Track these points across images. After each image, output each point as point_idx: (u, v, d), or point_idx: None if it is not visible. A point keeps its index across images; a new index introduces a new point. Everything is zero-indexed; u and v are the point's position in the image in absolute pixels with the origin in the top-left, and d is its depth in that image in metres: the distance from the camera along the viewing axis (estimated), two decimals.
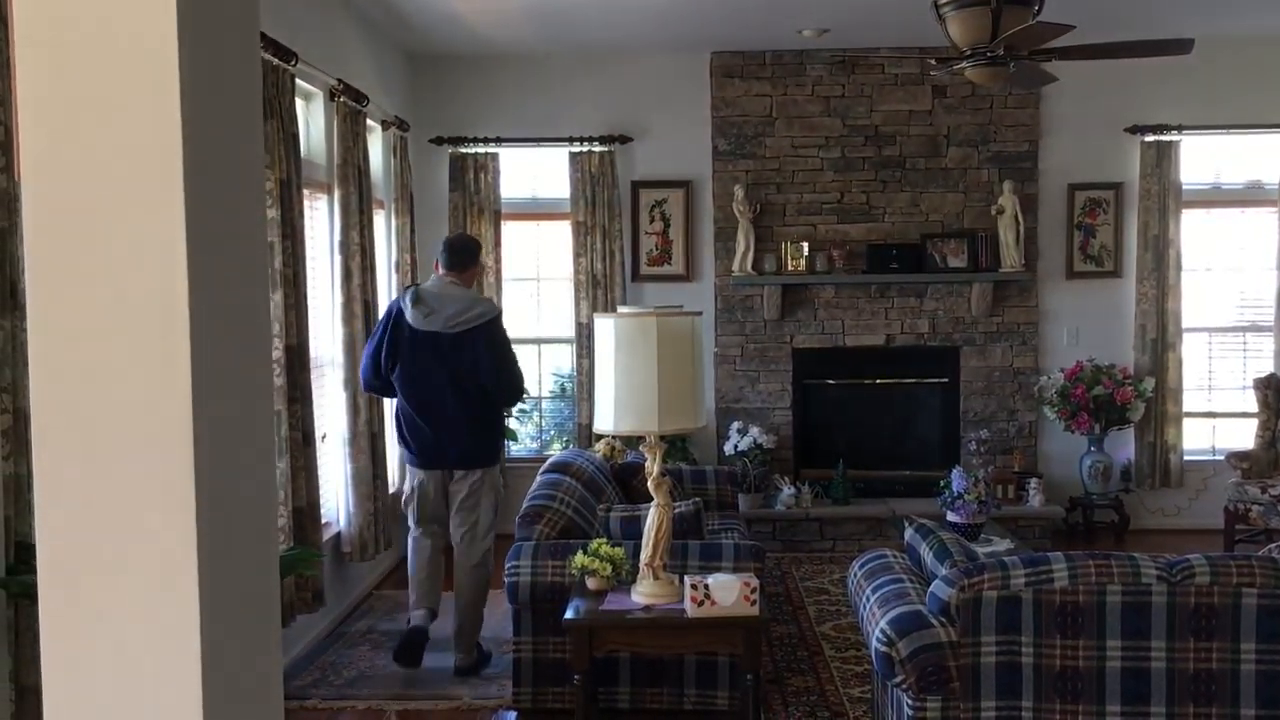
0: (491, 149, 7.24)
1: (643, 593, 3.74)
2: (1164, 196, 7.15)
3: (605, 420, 3.76)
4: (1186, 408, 7.34)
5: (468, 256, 4.85)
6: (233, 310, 1.47)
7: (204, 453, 1.37)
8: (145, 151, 1.34)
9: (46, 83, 1.34)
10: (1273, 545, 3.40)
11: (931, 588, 3.20)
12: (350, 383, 5.57)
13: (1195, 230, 7.34)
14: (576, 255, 7.26)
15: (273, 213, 4.48)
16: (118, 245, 1.35)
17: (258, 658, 1.54)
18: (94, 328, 1.36)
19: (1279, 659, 3.03)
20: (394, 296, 6.33)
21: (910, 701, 3.13)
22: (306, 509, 4.73)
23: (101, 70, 1.33)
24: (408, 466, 4.93)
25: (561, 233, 7.40)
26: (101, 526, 1.37)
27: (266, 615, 1.57)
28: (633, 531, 4.22)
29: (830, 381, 7.42)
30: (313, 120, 5.56)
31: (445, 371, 4.64)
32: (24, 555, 2.76)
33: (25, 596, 2.67)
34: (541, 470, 4.96)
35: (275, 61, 4.52)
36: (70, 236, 1.35)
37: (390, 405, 5.39)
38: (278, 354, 4.52)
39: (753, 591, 3.60)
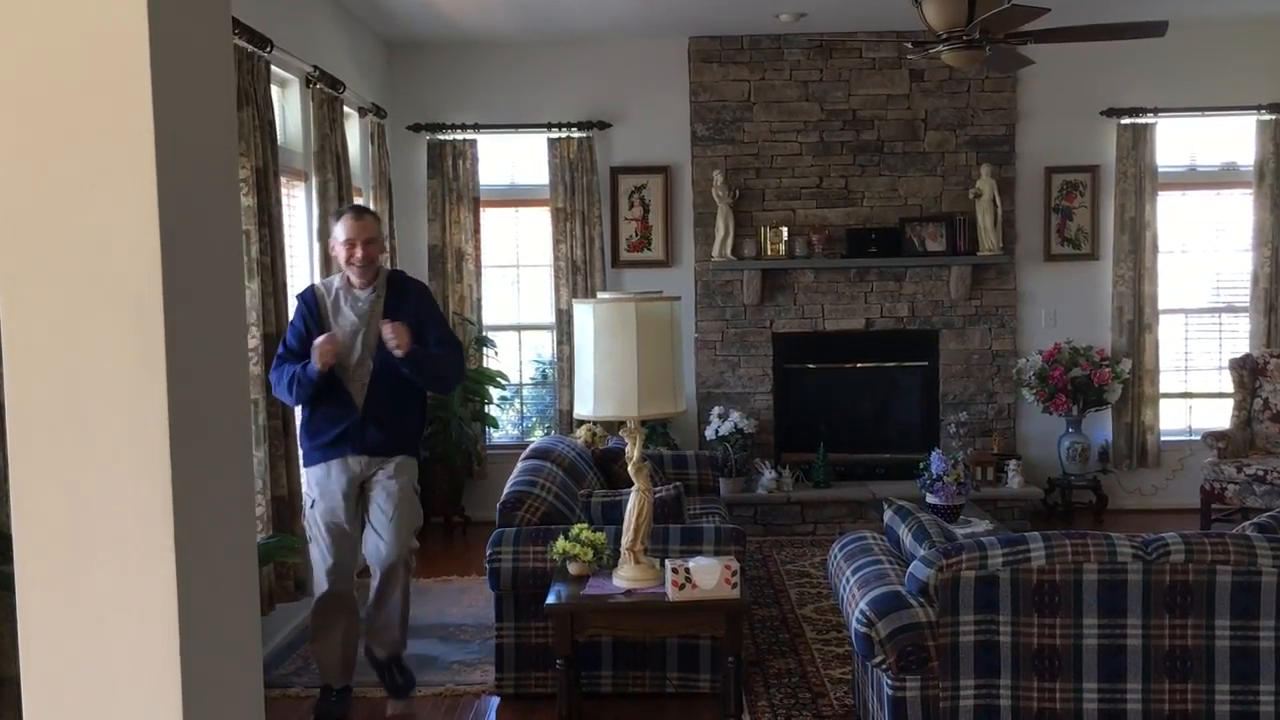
0: (469, 135, 7.21)
1: (624, 577, 3.75)
2: (1140, 179, 7.19)
3: (585, 406, 3.77)
4: (1163, 389, 7.40)
5: None
6: (207, 298, 1.47)
7: (180, 441, 1.37)
8: (117, 138, 1.33)
9: (14, 68, 1.33)
10: (1247, 523, 3.44)
11: (910, 569, 3.23)
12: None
13: (1171, 212, 7.39)
14: (556, 241, 7.24)
15: (249, 200, 4.45)
16: (90, 234, 1.34)
17: (237, 645, 1.54)
18: (68, 316, 1.35)
19: (1252, 635, 3.06)
20: None
21: (890, 681, 3.15)
22: (287, 497, 4.71)
23: (71, 56, 1.33)
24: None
25: (541, 219, 7.38)
26: (78, 515, 1.37)
27: (246, 603, 1.57)
28: (614, 516, 4.23)
29: (810, 366, 7.44)
30: (289, 107, 5.52)
31: None
32: (0, 544, 2.74)
33: (2, 586, 2.65)
34: (522, 457, 4.96)
35: (250, 48, 4.48)
36: (42, 225, 1.34)
37: None
38: (255, 342, 4.50)
39: (734, 575, 3.62)
